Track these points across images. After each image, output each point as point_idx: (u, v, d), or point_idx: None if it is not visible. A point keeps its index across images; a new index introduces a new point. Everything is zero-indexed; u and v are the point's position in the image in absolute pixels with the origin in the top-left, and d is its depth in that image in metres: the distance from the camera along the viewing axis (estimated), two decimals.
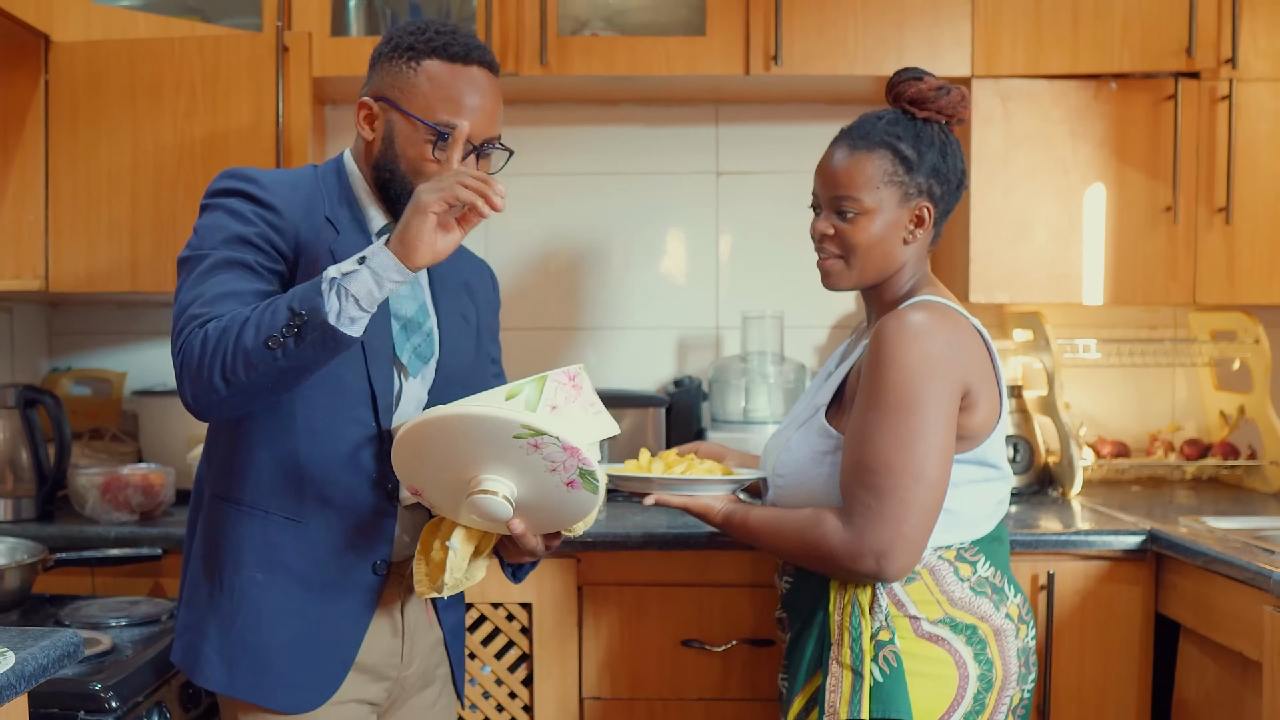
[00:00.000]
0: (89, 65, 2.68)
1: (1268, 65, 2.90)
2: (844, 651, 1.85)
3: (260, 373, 1.64)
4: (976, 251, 2.92)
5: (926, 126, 1.93)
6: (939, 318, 1.84)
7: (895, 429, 1.78)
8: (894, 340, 1.80)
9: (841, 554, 1.80)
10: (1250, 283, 2.93)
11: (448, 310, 1.98)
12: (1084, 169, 2.92)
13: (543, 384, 1.71)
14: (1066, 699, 2.52)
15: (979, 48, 2.89)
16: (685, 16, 2.99)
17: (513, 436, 1.65)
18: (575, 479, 1.69)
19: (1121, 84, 2.91)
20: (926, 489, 1.78)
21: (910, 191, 1.91)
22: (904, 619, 1.84)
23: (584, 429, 1.74)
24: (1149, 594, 2.52)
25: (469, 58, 1.84)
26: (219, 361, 1.64)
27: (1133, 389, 3.33)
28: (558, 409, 1.71)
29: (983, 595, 1.88)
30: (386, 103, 1.85)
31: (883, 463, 1.78)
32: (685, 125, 3.27)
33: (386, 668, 1.94)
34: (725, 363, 3.09)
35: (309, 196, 1.86)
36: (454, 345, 1.97)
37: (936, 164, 1.92)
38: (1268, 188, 2.92)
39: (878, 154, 1.91)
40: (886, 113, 1.96)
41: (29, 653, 1.54)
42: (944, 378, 1.80)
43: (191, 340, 1.67)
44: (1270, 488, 3.06)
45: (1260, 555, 2.22)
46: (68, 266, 2.71)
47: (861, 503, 1.79)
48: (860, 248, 1.92)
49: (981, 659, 1.86)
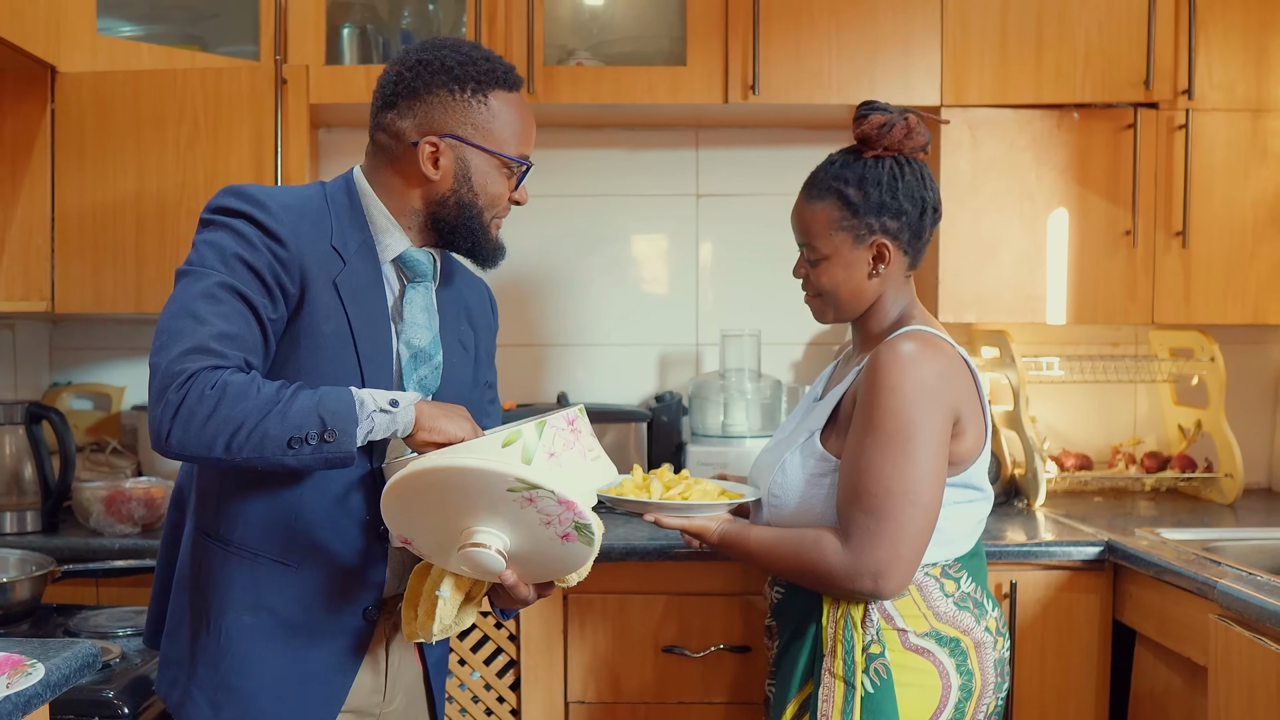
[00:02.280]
0: (95, 95, 2.78)
1: (1222, 96, 3.03)
2: (837, 663, 1.90)
3: (265, 459, 1.61)
4: (945, 273, 3.04)
5: (876, 164, 1.97)
6: (930, 348, 1.89)
7: (893, 455, 1.83)
8: (888, 369, 1.86)
9: (840, 574, 1.86)
10: (1206, 303, 3.06)
11: (448, 337, 1.92)
12: (1048, 195, 3.04)
13: (541, 430, 1.67)
14: (1029, 702, 2.64)
15: (948, 78, 3.01)
16: (667, 47, 3.11)
17: (506, 490, 1.60)
18: (570, 532, 1.64)
19: (1083, 113, 3.04)
20: (921, 512, 1.84)
21: (861, 233, 1.97)
22: (893, 631, 1.90)
23: (581, 477, 1.70)
24: (1107, 602, 2.64)
25: (520, 84, 1.86)
26: (229, 430, 1.59)
27: (1096, 404, 3.46)
28: (555, 456, 1.67)
29: (965, 610, 1.95)
30: (456, 139, 1.80)
31: (882, 487, 1.83)
32: (667, 149, 3.39)
33: (370, 705, 1.91)
34: (705, 379, 3.20)
35: (315, 222, 1.77)
36: (452, 374, 1.92)
37: (885, 201, 1.95)
38: (1222, 213, 3.05)
39: (825, 202, 1.98)
40: (840, 154, 2.02)
41: (53, 664, 1.64)
42: (937, 405, 1.86)
43: (201, 387, 1.59)
44: (1225, 499, 3.19)
45: (1208, 566, 2.35)
46: (74, 289, 2.81)
47: (860, 525, 1.84)
48: (827, 290, 2.01)
49: (963, 670, 1.93)
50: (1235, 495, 3.17)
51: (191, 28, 3.10)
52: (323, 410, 1.62)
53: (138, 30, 3.05)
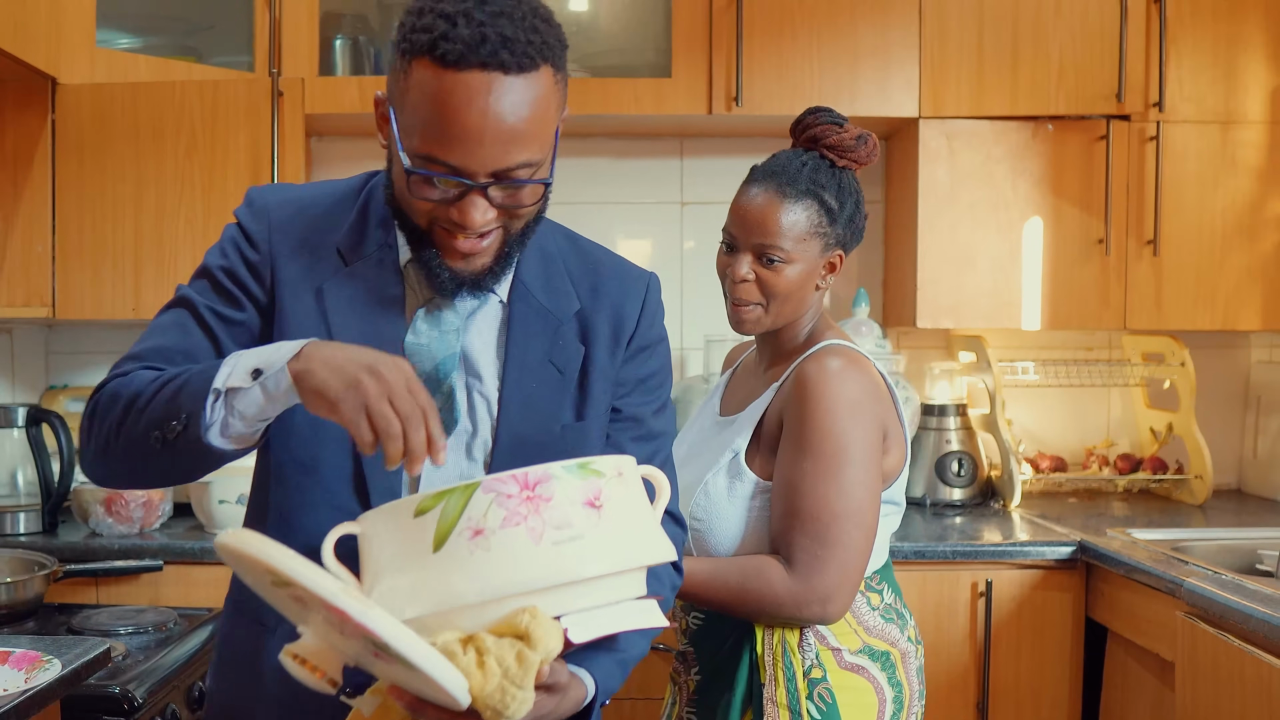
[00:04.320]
0: (94, 107, 2.84)
1: (1192, 109, 3.12)
2: (780, 692, 1.84)
3: (141, 460, 1.34)
4: (923, 280, 3.12)
5: (846, 175, 1.92)
6: (855, 365, 1.85)
7: (834, 477, 1.79)
8: (819, 388, 1.81)
9: (788, 602, 1.79)
10: (1176, 310, 3.14)
11: (521, 357, 1.49)
12: (1023, 204, 3.13)
13: (468, 496, 1.15)
14: (1004, 699, 2.72)
15: (926, 90, 3.09)
16: (653, 59, 3.19)
17: (271, 584, 1.17)
18: (377, 650, 1.12)
19: (1057, 125, 3.12)
20: (865, 532, 1.81)
21: (830, 242, 1.90)
22: (828, 651, 1.85)
23: (520, 570, 1.13)
24: (1079, 600, 2.73)
25: (467, 60, 1.26)
26: (104, 431, 1.36)
27: (1070, 407, 3.55)
28: (484, 536, 1.13)
29: (891, 621, 1.92)
30: (389, 107, 1.36)
31: (827, 512, 1.78)
32: (652, 158, 3.47)
33: None
34: (689, 383, 3.27)
35: (320, 220, 1.48)
36: (527, 405, 1.48)
37: (853, 214, 1.92)
38: (1192, 222, 3.13)
39: (804, 203, 1.88)
40: (807, 157, 1.92)
41: (67, 659, 1.71)
42: (870, 422, 1.83)
43: (96, 397, 1.39)
44: (1195, 500, 3.28)
45: (1175, 565, 2.43)
46: (74, 295, 2.87)
47: (806, 551, 1.79)
48: (781, 295, 1.89)
49: (894, 682, 1.89)
50: (1205, 496, 3.26)
51: (187, 39, 3.16)
52: (181, 392, 1.30)
53: (135, 41, 3.11)
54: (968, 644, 2.72)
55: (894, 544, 2.67)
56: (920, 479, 3.23)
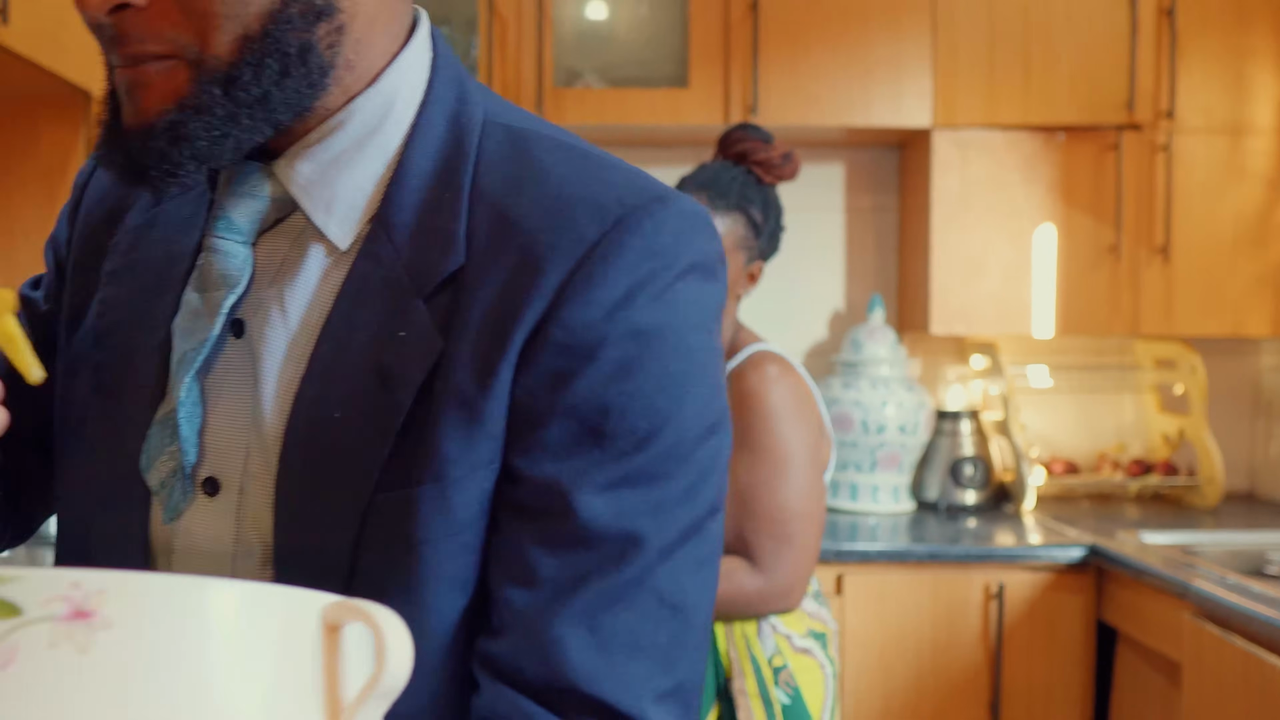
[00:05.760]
0: None
1: (1202, 118, 3.16)
2: (749, 683, 1.91)
3: None
4: (936, 287, 3.17)
5: (770, 191, 2.00)
6: (788, 370, 1.95)
7: (787, 478, 1.89)
8: (761, 394, 1.90)
9: (755, 599, 1.89)
10: (1187, 316, 3.18)
11: (331, 357, 0.80)
12: (1035, 212, 3.17)
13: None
14: (1015, 699, 2.77)
15: (939, 100, 3.14)
16: (670, 70, 3.24)
17: None
18: None
19: (1069, 134, 3.17)
20: (819, 527, 1.93)
21: (753, 255, 1.99)
22: (782, 639, 1.94)
23: None
24: (1090, 603, 2.77)
25: None
26: None
27: (1083, 411, 3.59)
28: None
29: (821, 603, 2.02)
30: None
31: (786, 512, 1.88)
32: (669, 167, 3.52)
33: None
34: None
35: None
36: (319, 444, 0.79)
37: (775, 229, 2.01)
38: (1203, 229, 3.17)
39: (733, 217, 1.95)
40: (736, 171, 1.99)
41: None
42: (809, 422, 1.94)
43: None
44: (1207, 503, 3.32)
45: (1183, 569, 2.48)
46: None
47: (768, 550, 1.88)
48: None
49: (830, 658, 1.99)
50: (1216, 500, 3.30)
51: None
52: None
53: None
54: (980, 645, 2.77)
55: (908, 546, 2.74)
56: (934, 482, 3.28)
